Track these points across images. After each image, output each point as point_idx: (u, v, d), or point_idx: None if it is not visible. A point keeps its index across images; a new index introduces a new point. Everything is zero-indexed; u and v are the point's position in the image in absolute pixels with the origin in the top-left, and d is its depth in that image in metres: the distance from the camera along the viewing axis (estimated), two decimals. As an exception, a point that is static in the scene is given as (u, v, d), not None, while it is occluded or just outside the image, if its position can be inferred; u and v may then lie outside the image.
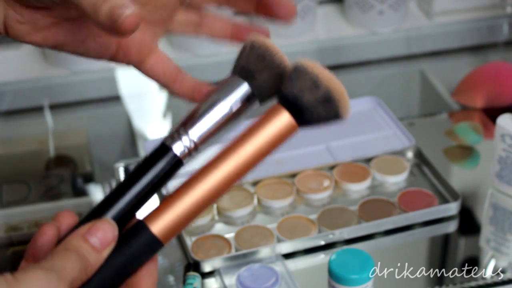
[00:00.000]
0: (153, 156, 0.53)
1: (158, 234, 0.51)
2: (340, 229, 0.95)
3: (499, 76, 1.17)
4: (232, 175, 0.52)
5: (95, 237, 0.48)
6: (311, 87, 0.50)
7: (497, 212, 1.01)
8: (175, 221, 0.51)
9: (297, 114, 0.51)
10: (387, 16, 1.34)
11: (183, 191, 0.52)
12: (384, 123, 1.14)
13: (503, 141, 0.99)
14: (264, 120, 0.51)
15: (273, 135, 0.51)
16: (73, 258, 0.47)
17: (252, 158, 0.51)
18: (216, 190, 0.52)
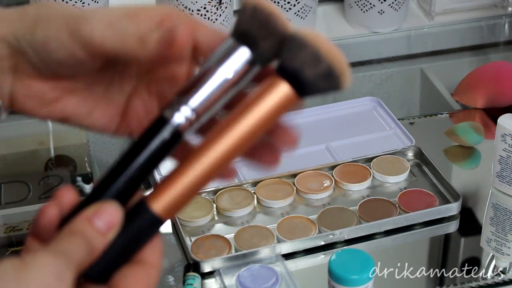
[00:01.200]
0: (152, 129, 0.51)
1: (159, 212, 0.50)
2: (340, 229, 0.95)
3: (499, 76, 1.17)
4: (233, 149, 0.50)
5: (101, 220, 0.48)
6: (312, 61, 0.49)
7: (497, 212, 1.01)
8: (176, 197, 0.50)
9: (297, 86, 0.50)
10: (387, 16, 1.34)
11: (183, 167, 0.51)
12: (384, 123, 1.14)
13: (503, 141, 0.99)
14: (263, 93, 0.50)
15: (273, 107, 0.50)
16: (79, 242, 0.47)
17: (252, 132, 0.50)
18: (216, 165, 0.50)
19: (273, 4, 0.51)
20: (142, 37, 0.51)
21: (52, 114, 0.56)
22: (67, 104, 0.56)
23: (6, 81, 0.54)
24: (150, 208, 0.50)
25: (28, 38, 0.53)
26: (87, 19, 0.52)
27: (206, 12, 1.24)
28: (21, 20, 0.53)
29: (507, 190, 1.02)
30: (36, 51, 0.53)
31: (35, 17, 0.53)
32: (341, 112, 1.17)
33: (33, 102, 0.55)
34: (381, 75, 1.32)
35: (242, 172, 1.05)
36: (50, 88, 0.55)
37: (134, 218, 0.50)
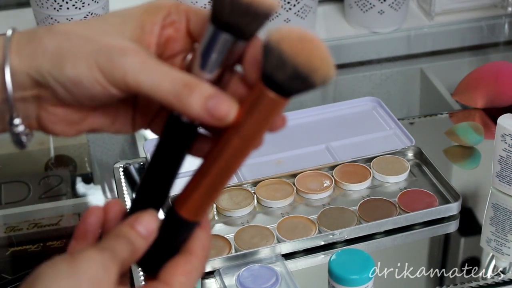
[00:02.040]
0: (168, 131, 0.54)
1: (188, 216, 0.55)
2: (340, 229, 0.95)
3: (499, 76, 1.17)
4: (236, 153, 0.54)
5: (141, 226, 0.53)
6: (279, 65, 0.50)
7: (497, 212, 1.01)
8: (199, 199, 0.55)
9: (278, 90, 0.51)
10: (387, 16, 1.34)
11: (203, 170, 0.54)
12: (384, 123, 1.14)
13: (503, 141, 0.99)
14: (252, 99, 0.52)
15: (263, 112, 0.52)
16: (123, 241, 0.52)
17: (256, 133, 0.53)
18: (227, 166, 0.54)
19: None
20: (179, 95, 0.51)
21: (81, 131, 0.57)
22: (93, 121, 0.57)
23: (31, 109, 0.55)
24: (178, 213, 0.55)
25: (56, 74, 0.53)
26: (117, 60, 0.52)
27: (206, 12, 1.24)
28: (42, 54, 0.53)
29: (507, 190, 1.02)
30: (65, 87, 0.53)
31: (58, 52, 0.53)
32: (341, 112, 1.17)
33: (61, 126, 0.56)
34: (381, 75, 1.32)
35: (242, 172, 1.05)
36: (74, 112, 0.56)
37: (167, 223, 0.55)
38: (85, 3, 1.18)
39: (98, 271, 0.50)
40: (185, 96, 0.51)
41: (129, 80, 0.51)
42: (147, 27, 0.55)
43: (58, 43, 0.53)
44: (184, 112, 0.52)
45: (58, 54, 0.53)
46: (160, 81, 0.51)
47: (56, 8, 1.18)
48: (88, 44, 0.53)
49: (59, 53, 0.53)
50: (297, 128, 1.14)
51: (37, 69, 0.53)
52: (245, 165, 1.10)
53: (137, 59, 0.52)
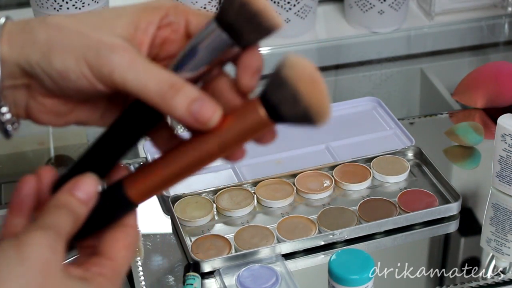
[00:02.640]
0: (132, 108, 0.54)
1: (133, 196, 0.54)
2: (340, 229, 0.95)
3: (499, 76, 1.17)
4: (207, 156, 0.54)
5: (81, 191, 0.53)
6: (291, 101, 0.51)
7: (497, 212, 1.01)
8: (151, 187, 0.54)
9: (273, 116, 0.52)
10: (387, 16, 1.34)
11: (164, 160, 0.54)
12: (384, 123, 1.14)
13: (503, 141, 0.99)
14: (243, 111, 0.53)
15: (248, 126, 0.53)
16: (65, 213, 0.52)
17: (230, 142, 0.53)
18: (192, 165, 0.54)
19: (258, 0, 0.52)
20: (164, 96, 0.52)
21: (68, 123, 0.58)
22: (81, 113, 0.57)
23: (20, 97, 0.56)
24: (126, 192, 0.54)
25: (44, 65, 0.53)
26: (105, 56, 0.52)
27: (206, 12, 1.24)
28: (32, 45, 0.53)
29: (507, 190, 1.02)
30: (52, 78, 0.54)
31: (48, 43, 0.53)
32: (341, 112, 1.17)
33: (48, 116, 0.57)
34: (381, 75, 1.32)
35: (242, 172, 1.05)
36: (63, 103, 0.56)
37: (110, 197, 0.54)
38: (85, 3, 1.18)
39: (46, 255, 0.50)
40: (170, 97, 0.51)
41: (116, 77, 0.52)
42: (141, 26, 0.55)
43: (49, 35, 0.53)
44: (168, 112, 0.52)
45: (48, 45, 0.53)
46: (147, 81, 0.52)
47: (56, 8, 1.18)
48: (79, 38, 0.53)
49: (49, 44, 0.53)
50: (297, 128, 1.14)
51: (27, 59, 0.53)
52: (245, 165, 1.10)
53: (125, 56, 0.52)
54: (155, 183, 0.54)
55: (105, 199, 0.54)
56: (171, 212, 0.98)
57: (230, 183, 1.03)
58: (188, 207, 0.99)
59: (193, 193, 1.01)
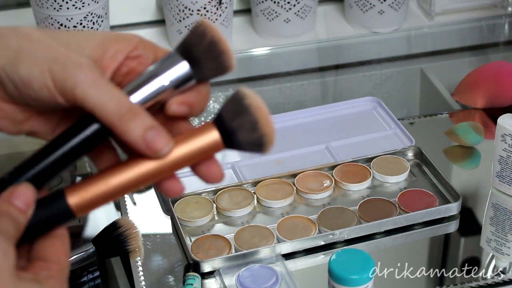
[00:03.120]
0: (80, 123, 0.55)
1: (73, 206, 0.55)
2: (340, 229, 0.95)
3: (499, 76, 1.17)
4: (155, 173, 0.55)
5: (18, 200, 0.54)
6: (249, 128, 0.54)
7: (497, 212, 1.01)
8: (92, 197, 0.55)
9: (226, 139, 0.55)
10: (387, 16, 1.34)
11: (108, 172, 0.55)
12: (384, 123, 1.14)
13: (503, 141, 0.99)
14: (197, 133, 0.55)
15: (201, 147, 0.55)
16: (8, 221, 0.53)
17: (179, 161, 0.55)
18: (137, 182, 0.55)
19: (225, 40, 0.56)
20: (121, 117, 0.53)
21: (20, 131, 0.59)
22: (36, 123, 0.59)
23: None
24: (66, 200, 0.55)
25: (9, 71, 0.55)
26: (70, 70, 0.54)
27: (206, 12, 1.24)
28: (1, 50, 0.55)
29: (507, 190, 1.02)
30: (15, 85, 0.55)
31: (17, 51, 0.55)
32: (341, 112, 1.17)
33: (3, 121, 0.58)
34: (381, 75, 1.32)
35: (242, 172, 1.05)
36: (20, 111, 0.58)
37: (51, 204, 0.55)
38: (85, 3, 1.18)
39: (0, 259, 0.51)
40: (126, 120, 0.53)
41: (77, 93, 0.53)
42: (109, 52, 0.56)
43: (19, 43, 0.55)
44: (122, 134, 0.53)
45: (16, 52, 0.55)
46: (107, 100, 0.53)
47: (56, 8, 1.18)
48: (47, 51, 0.55)
49: (18, 52, 0.55)
50: (297, 128, 1.14)
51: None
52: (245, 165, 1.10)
53: (89, 75, 0.54)
54: (98, 196, 0.55)
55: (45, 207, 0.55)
56: (171, 212, 0.98)
57: (230, 183, 1.03)
58: (188, 207, 0.99)
59: (193, 193, 1.01)
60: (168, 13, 1.27)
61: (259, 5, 1.31)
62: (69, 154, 0.56)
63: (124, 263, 0.92)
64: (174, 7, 1.25)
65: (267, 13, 1.31)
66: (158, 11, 1.38)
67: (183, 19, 1.25)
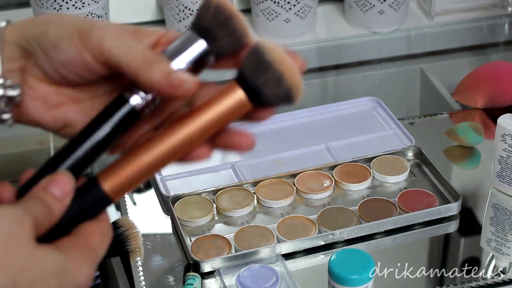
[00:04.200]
0: (110, 107, 0.56)
1: (109, 191, 0.55)
2: (340, 229, 0.95)
3: (499, 76, 1.17)
4: (186, 142, 0.55)
5: (56, 188, 0.54)
6: (275, 83, 0.54)
7: (497, 212, 1.01)
8: (126, 179, 0.55)
9: (253, 97, 0.55)
10: (387, 16, 1.34)
11: (137, 152, 0.55)
12: (384, 123, 1.14)
13: (503, 141, 0.99)
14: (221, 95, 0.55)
15: (228, 109, 0.55)
16: (38, 203, 0.53)
17: (205, 127, 0.55)
18: (169, 154, 0.55)
19: (233, 6, 0.56)
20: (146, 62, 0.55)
21: (54, 118, 0.59)
22: (70, 111, 0.59)
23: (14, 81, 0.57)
24: (101, 187, 0.55)
25: (39, 39, 0.56)
26: (98, 28, 0.56)
27: (206, 12, 1.24)
28: (33, 24, 0.57)
29: (507, 190, 1.02)
30: (45, 51, 0.56)
31: (47, 22, 0.57)
32: (341, 112, 1.17)
33: (37, 104, 0.58)
34: (381, 75, 1.32)
35: (242, 172, 1.05)
36: (54, 93, 0.58)
37: (86, 193, 0.55)
38: (85, 3, 1.18)
39: (11, 225, 0.50)
40: (151, 64, 0.54)
41: (104, 45, 0.55)
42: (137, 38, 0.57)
43: (51, 17, 0.58)
44: (146, 78, 0.54)
45: (47, 23, 0.57)
46: (132, 49, 0.55)
47: (56, 8, 1.18)
48: (78, 19, 0.57)
49: (48, 22, 0.57)
50: (297, 128, 1.14)
51: (25, 36, 0.57)
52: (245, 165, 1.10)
53: (115, 31, 0.56)
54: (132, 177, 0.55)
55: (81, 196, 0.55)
56: (171, 212, 0.98)
57: (230, 183, 1.03)
58: (188, 207, 0.99)
59: (193, 193, 1.01)
60: (168, 13, 1.27)
61: (259, 5, 1.31)
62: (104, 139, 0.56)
63: (124, 263, 0.92)
64: (174, 7, 1.25)
65: (267, 13, 1.31)
66: (158, 11, 1.38)
67: (183, 19, 1.25)
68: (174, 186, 1.02)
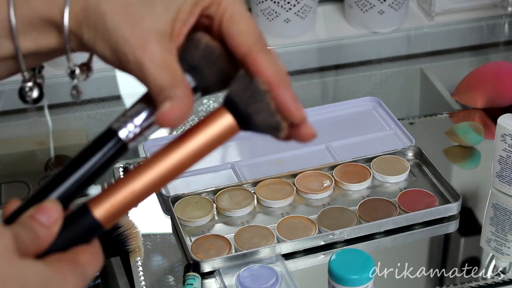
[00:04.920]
0: (99, 139, 0.56)
1: (100, 217, 0.55)
2: (340, 229, 0.95)
3: (499, 76, 1.17)
4: (176, 168, 0.55)
5: (43, 215, 0.53)
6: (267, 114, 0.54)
7: (497, 212, 1.01)
8: (117, 206, 0.55)
9: (242, 122, 0.55)
10: (387, 16, 1.34)
11: (127, 179, 0.55)
12: (384, 123, 1.14)
13: (503, 141, 0.99)
14: (210, 120, 0.55)
15: (217, 134, 0.55)
16: (24, 229, 0.52)
17: (195, 154, 0.55)
18: (160, 181, 0.55)
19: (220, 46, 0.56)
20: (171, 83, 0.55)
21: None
22: None
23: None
24: (93, 214, 0.54)
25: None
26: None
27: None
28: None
29: (507, 190, 1.02)
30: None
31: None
32: (341, 112, 1.17)
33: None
34: (381, 75, 1.32)
35: (242, 172, 1.05)
36: None
37: (77, 220, 0.55)
38: None
39: None
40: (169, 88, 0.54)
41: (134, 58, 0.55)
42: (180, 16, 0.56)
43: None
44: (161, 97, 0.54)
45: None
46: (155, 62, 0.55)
47: (56, 8, 1.18)
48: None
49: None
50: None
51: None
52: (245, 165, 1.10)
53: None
54: (123, 203, 0.55)
55: (73, 223, 0.55)
56: (171, 212, 0.98)
57: (230, 183, 1.03)
58: (188, 207, 0.99)
59: (193, 193, 1.01)
60: (168, 13, 1.27)
61: (259, 5, 1.31)
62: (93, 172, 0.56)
63: (124, 263, 0.92)
64: (174, 7, 1.25)
65: (267, 13, 1.31)
66: (158, 11, 1.38)
67: (183, 19, 1.25)
68: (174, 186, 1.02)
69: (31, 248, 0.52)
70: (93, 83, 1.25)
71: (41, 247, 0.53)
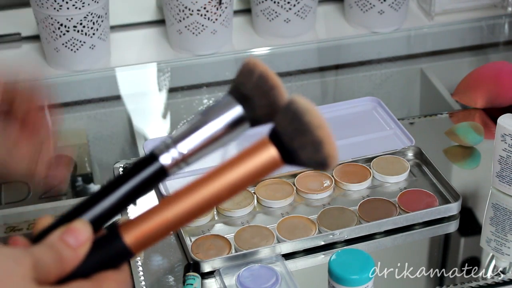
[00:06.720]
0: (141, 163, 0.55)
1: (130, 244, 0.53)
2: (340, 229, 0.95)
3: (499, 76, 1.17)
4: (214, 199, 0.53)
5: (70, 237, 0.52)
6: (312, 149, 0.52)
7: (497, 212, 1.01)
8: (149, 234, 0.53)
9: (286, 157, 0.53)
10: (387, 16, 1.34)
11: (162, 207, 0.54)
12: (384, 123, 1.14)
13: (503, 141, 0.99)
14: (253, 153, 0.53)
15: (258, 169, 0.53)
16: (47, 250, 0.51)
17: (235, 185, 0.53)
18: (196, 211, 0.54)
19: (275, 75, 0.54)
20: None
21: None
22: None
23: None
24: (123, 239, 0.53)
25: None
26: None
27: (206, 12, 1.24)
28: None
29: (507, 190, 1.02)
30: None
31: None
32: (341, 112, 1.17)
33: None
34: (381, 75, 1.32)
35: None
36: None
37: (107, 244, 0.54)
38: (85, 3, 1.18)
39: (8, 263, 0.49)
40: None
41: None
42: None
43: None
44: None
45: None
46: None
47: (56, 8, 1.18)
48: None
49: None
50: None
51: None
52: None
53: None
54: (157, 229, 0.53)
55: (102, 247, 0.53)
56: (171, 212, 0.98)
57: (230, 183, 1.03)
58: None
59: (193, 193, 1.00)
60: (168, 13, 1.27)
61: (259, 5, 1.31)
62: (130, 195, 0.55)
63: (124, 263, 0.92)
64: (174, 7, 1.25)
65: (267, 13, 1.31)
66: (158, 11, 1.38)
67: (183, 19, 1.25)
68: (174, 186, 1.02)
69: (54, 271, 0.51)
70: (93, 83, 1.25)
71: (65, 270, 0.52)
